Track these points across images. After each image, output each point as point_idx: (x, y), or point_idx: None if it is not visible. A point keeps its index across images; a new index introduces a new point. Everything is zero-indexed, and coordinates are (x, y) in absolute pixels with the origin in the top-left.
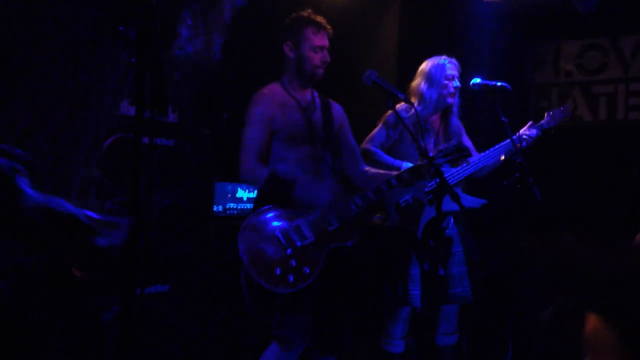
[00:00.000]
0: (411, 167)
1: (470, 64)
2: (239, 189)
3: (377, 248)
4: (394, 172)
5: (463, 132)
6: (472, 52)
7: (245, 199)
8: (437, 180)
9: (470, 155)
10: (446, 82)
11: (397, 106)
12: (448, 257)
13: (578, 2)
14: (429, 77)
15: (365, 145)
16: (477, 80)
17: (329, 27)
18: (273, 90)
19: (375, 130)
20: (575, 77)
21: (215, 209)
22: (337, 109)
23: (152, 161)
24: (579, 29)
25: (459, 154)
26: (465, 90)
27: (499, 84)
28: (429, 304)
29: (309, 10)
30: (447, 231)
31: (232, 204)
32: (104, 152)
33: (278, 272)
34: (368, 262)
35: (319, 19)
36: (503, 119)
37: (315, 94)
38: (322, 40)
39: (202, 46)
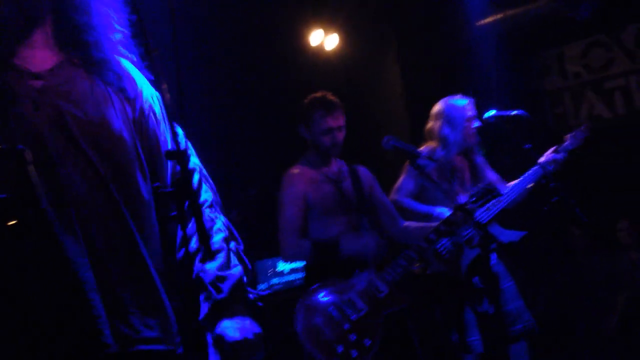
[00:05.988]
0: (446, 218)
1: (479, 88)
2: (279, 262)
3: (422, 298)
4: (431, 226)
5: (487, 166)
6: (478, 76)
7: (287, 271)
8: (481, 232)
9: (499, 194)
10: (467, 123)
11: (420, 149)
12: (498, 294)
13: (574, 12)
14: (450, 120)
15: (394, 196)
16: (492, 112)
17: (337, 104)
18: (300, 168)
19: (401, 179)
20: (584, 78)
21: (260, 288)
22: (363, 172)
23: None
24: (577, 30)
25: (490, 195)
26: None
27: (513, 112)
28: (491, 346)
29: (321, 93)
30: (492, 268)
31: (275, 280)
32: None
33: (340, 350)
34: (417, 314)
35: (329, 99)
36: (526, 146)
37: (340, 162)
38: (329, 123)
39: None
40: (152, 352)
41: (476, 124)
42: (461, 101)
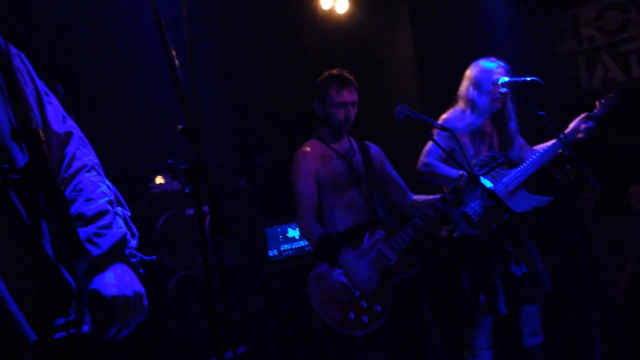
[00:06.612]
0: (451, 187)
1: (490, 51)
2: (289, 228)
3: (449, 260)
4: (438, 196)
5: (517, 133)
6: (490, 41)
7: (297, 237)
8: (493, 202)
9: (506, 162)
10: (493, 87)
11: (446, 116)
12: (524, 257)
13: None
14: (476, 82)
15: (425, 159)
16: (505, 79)
17: (353, 81)
18: (312, 146)
19: (431, 142)
20: (598, 41)
21: (270, 254)
22: (374, 149)
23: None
24: None
25: (494, 163)
26: None
27: (528, 79)
28: (513, 308)
29: (338, 70)
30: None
31: (286, 246)
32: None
33: (352, 316)
34: (442, 275)
35: (345, 75)
36: (540, 112)
37: (352, 140)
38: (344, 97)
39: None
40: (75, 336)
41: (503, 89)
42: (489, 64)
